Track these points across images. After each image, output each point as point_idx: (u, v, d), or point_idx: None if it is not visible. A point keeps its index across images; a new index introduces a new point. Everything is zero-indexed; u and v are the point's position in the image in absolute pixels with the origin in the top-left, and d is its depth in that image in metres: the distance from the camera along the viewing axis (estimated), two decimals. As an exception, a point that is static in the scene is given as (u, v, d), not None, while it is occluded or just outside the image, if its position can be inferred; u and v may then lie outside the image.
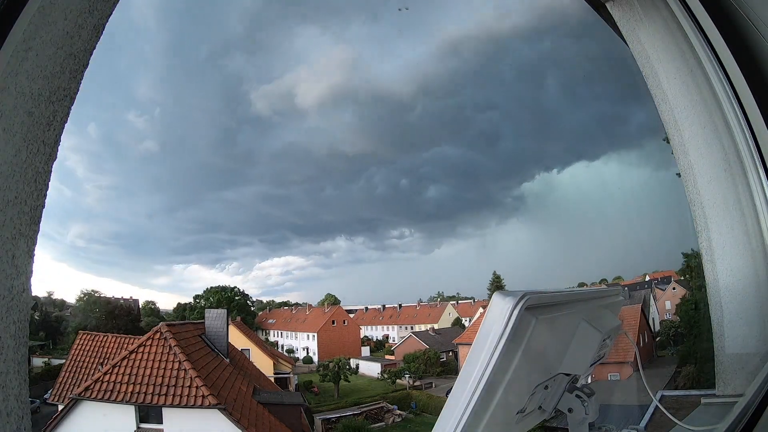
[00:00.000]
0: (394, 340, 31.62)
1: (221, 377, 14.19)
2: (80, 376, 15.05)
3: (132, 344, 14.00)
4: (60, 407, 13.21)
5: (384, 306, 33.81)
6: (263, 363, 21.19)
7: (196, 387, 12.45)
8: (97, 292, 27.47)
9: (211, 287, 30.29)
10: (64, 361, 16.82)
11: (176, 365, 12.89)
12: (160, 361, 13.04)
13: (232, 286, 31.05)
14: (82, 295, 27.27)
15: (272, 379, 20.42)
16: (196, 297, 29.55)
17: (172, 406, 12.29)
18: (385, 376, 26.12)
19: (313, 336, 29.75)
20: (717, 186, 2.06)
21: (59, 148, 1.15)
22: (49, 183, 1.13)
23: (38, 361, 21.83)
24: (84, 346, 16.47)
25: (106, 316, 26.43)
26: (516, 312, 0.86)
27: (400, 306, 33.66)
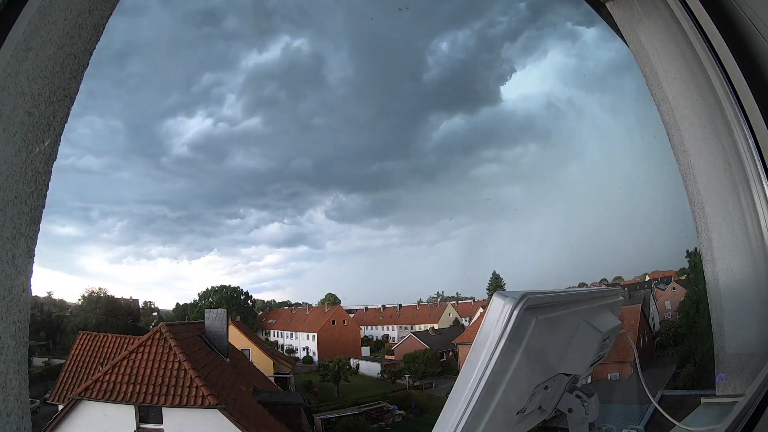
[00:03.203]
0: (394, 340, 31.59)
1: (221, 377, 14.20)
2: (80, 376, 15.04)
3: (132, 344, 14.00)
4: (60, 407, 13.20)
5: (384, 306, 33.75)
6: (263, 363, 21.18)
7: (196, 387, 12.45)
8: (103, 290, 27.47)
9: (212, 287, 30.26)
10: (64, 361, 16.82)
11: (176, 365, 12.89)
12: (160, 361, 13.04)
13: (234, 285, 31.00)
14: (85, 295, 27.28)
15: (272, 379, 20.42)
16: (201, 296, 29.34)
17: (172, 406, 12.29)
18: (385, 376, 26.11)
19: (313, 336, 29.73)
20: (717, 186, 2.06)
21: (59, 148, 1.15)
22: (49, 183, 1.13)
23: (38, 361, 21.83)
24: (84, 346, 16.46)
25: (107, 315, 26.41)
26: (516, 312, 0.87)
27: (400, 306, 33.62)
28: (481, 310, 28.56)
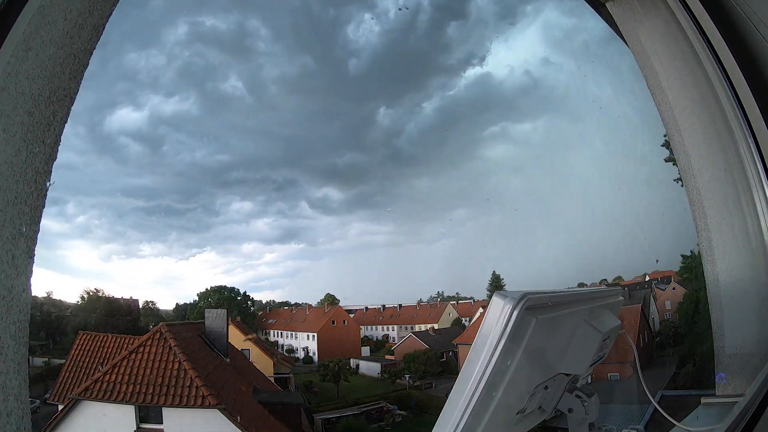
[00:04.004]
0: (394, 340, 31.58)
1: (221, 377, 14.20)
2: (80, 376, 15.04)
3: (132, 344, 14.01)
4: (60, 407, 13.20)
5: (384, 306, 33.72)
6: (263, 363, 21.18)
7: (196, 387, 12.45)
8: (100, 290, 27.47)
9: (212, 287, 30.25)
10: (64, 361, 16.81)
11: (176, 365, 12.89)
12: (160, 361, 13.04)
13: (231, 285, 30.95)
14: (84, 295, 27.28)
15: (272, 379, 20.41)
16: (200, 296, 29.22)
17: (172, 406, 12.30)
18: (385, 376, 26.12)
19: (313, 336, 29.73)
20: (717, 186, 2.06)
21: (59, 148, 1.15)
22: (49, 183, 1.13)
23: (38, 361, 21.82)
24: (84, 346, 16.45)
25: (107, 315, 26.40)
26: (516, 312, 0.87)
27: (400, 306, 33.58)
28: (481, 310, 28.52)
